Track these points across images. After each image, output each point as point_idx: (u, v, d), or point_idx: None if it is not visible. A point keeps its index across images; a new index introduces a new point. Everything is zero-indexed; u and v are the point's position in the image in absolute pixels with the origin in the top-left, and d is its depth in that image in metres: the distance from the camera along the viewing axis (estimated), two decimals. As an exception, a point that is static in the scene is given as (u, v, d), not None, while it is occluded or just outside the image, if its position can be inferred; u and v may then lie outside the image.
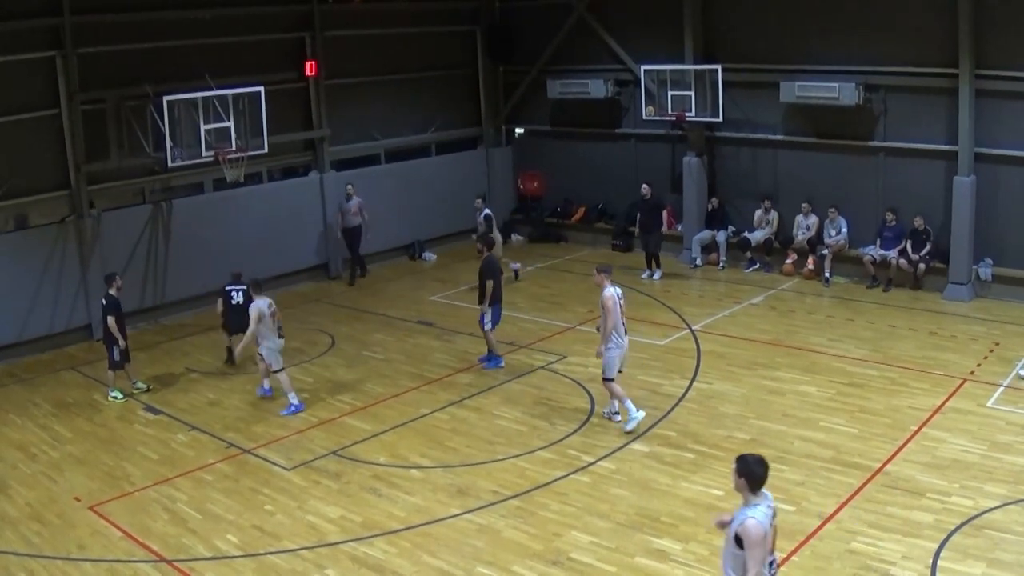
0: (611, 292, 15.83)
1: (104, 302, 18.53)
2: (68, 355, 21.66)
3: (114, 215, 23.25)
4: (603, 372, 16.17)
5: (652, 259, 25.34)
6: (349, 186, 26.36)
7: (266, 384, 18.61)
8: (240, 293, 19.66)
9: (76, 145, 22.06)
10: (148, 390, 19.02)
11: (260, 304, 17.44)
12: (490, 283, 18.99)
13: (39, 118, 21.75)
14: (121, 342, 18.48)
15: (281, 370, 17.84)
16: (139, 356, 20.23)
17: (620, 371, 16.32)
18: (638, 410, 16.11)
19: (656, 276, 25.15)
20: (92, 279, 21.81)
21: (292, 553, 12.78)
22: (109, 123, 22.07)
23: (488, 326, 19.28)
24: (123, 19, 22.57)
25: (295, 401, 17.84)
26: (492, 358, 19.61)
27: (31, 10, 21.19)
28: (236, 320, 19.46)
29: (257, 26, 25.25)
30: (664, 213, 26.44)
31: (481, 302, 19.24)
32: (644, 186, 25.51)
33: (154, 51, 23.11)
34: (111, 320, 18.32)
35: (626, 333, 16.16)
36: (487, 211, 24.90)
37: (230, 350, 20.32)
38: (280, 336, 17.89)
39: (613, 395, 16.41)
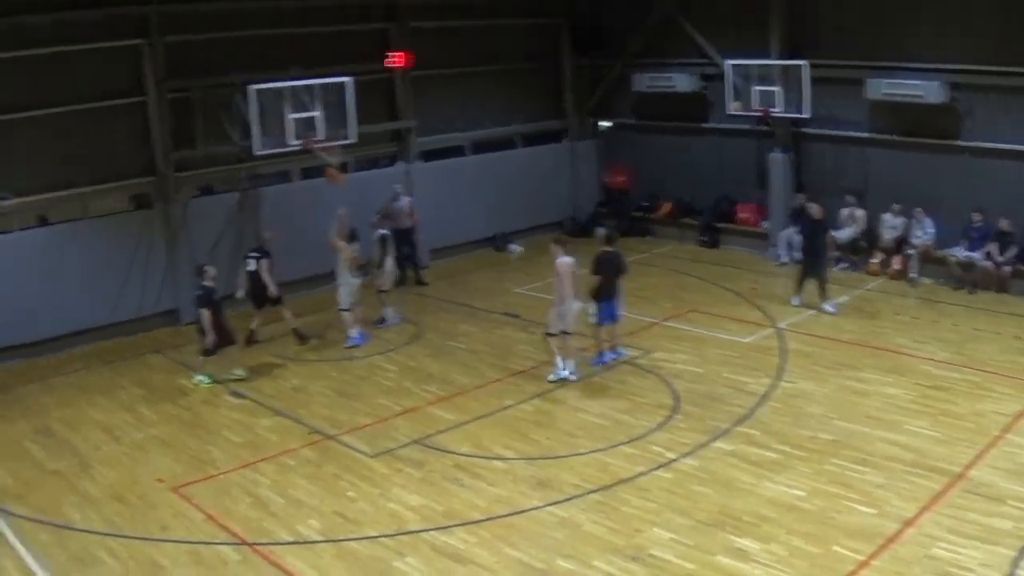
0: (565, 260, 17.96)
1: (199, 292, 18.67)
2: (154, 339, 21.91)
3: (200, 202, 23.52)
4: (547, 327, 18.52)
5: (821, 286, 22.01)
6: (397, 186, 25.89)
7: (354, 333, 20.96)
8: (254, 261, 20.68)
9: (163, 132, 22.28)
10: (245, 379, 19.01)
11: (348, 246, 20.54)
12: (596, 278, 18.63)
13: (126, 105, 22.05)
14: (208, 337, 18.57)
15: (347, 309, 20.76)
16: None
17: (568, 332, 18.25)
18: (564, 369, 18.24)
19: (831, 308, 21.80)
20: (179, 265, 22.08)
21: (372, 540, 12.75)
22: (196, 111, 22.32)
23: (592, 319, 19.04)
24: (210, 8, 22.83)
25: (354, 335, 20.88)
26: (600, 355, 19.28)
27: (120, -1, 21.50)
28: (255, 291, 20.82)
29: (343, 16, 25.37)
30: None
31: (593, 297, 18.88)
32: (814, 205, 22.84)
33: (241, 40, 23.28)
34: (205, 313, 18.40)
35: (577, 298, 18.11)
36: (384, 231, 22.47)
37: (297, 332, 21.22)
38: (354, 276, 20.73)
39: (556, 348, 18.43)
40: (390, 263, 22.13)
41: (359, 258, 20.93)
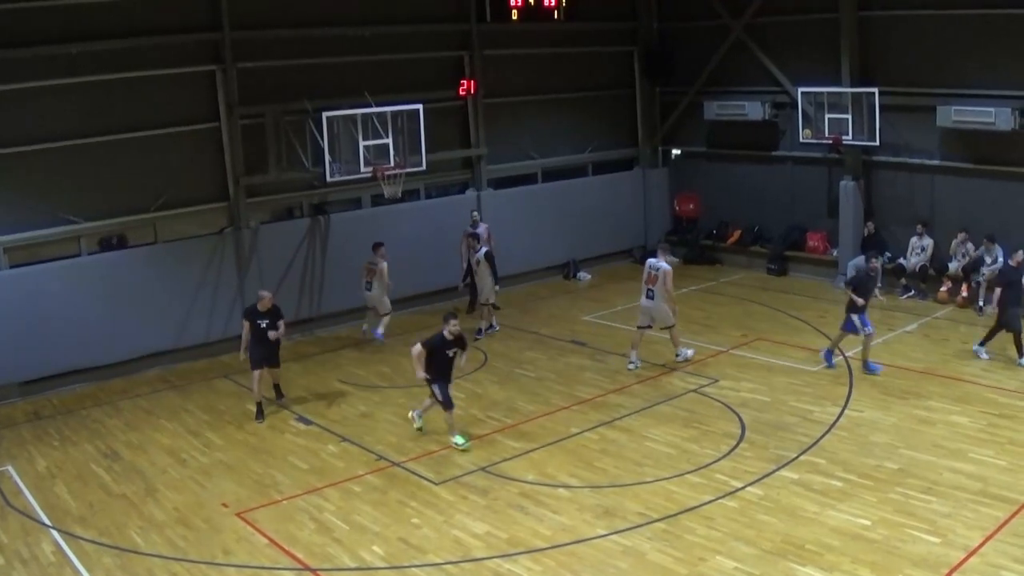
0: (648, 260, 20.57)
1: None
2: (222, 364, 21.97)
3: (272, 227, 23.66)
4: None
5: (1017, 338, 19.67)
6: (474, 212, 25.60)
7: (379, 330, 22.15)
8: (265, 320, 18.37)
9: (235, 158, 22.46)
10: (465, 448, 16.68)
11: (383, 264, 21.86)
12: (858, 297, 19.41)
13: (199, 131, 22.26)
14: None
15: (387, 314, 22.28)
16: (293, 367, 20.59)
17: (639, 327, 20.58)
18: (634, 360, 20.49)
19: None
20: (248, 289, 22.09)
21: (436, 567, 12.66)
22: (268, 137, 22.37)
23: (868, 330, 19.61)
24: (282, 35, 22.98)
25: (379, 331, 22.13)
26: (870, 365, 19.65)
27: (192, 25, 21.73)
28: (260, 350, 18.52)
29: (416, 44, 25.44)
30: None
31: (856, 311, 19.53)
32: (1021, 252, 20.32)
33: (313, 67, 23.47)
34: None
35: (646, 297, 20.26)
36: (486, 249, 23.07)
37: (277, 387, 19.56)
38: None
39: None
40: (491, 280, 22.77)
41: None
